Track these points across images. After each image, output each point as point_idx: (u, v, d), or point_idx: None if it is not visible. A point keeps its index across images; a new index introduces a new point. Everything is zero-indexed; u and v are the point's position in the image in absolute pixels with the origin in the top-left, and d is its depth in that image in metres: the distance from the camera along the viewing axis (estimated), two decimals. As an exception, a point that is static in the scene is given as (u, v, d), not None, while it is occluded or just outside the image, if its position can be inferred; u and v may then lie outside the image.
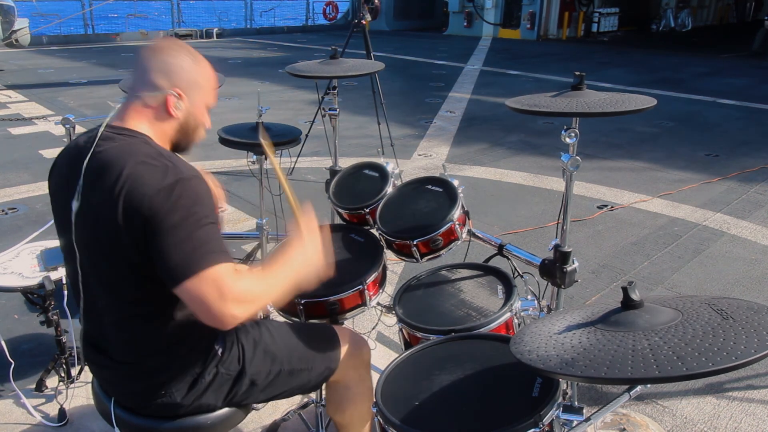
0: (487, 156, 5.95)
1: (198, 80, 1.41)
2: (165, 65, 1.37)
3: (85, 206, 1.31)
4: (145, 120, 1.37)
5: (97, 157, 1.30)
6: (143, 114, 1.37)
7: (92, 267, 1.36)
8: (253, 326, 1.56)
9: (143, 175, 1.24)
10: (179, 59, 1.38)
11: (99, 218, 1.28)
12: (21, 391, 2.39)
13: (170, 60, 1.37)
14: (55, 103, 8.14)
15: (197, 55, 1.42)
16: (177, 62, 1.37)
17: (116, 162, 1.27)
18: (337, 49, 2.87)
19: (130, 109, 1.37)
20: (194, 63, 1.40)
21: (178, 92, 1.37)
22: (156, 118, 1.38)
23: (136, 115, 1.37)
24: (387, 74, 9.56)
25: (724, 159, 5.86)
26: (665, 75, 11.00)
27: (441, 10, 20.89)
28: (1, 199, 4.62)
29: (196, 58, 1.41)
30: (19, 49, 14.04)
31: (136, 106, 1.37)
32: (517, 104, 1.78)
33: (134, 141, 1.32)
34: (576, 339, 1.10)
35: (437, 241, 2.00)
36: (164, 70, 1.36)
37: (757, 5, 23.15)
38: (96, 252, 1.33)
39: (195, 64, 1.40)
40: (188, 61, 1.39)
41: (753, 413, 2.35)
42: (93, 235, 1.31)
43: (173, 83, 1.36)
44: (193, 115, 1.42)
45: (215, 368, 1.44)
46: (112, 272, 1.32)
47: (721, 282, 3.44)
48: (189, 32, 17.73)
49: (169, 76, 1.36)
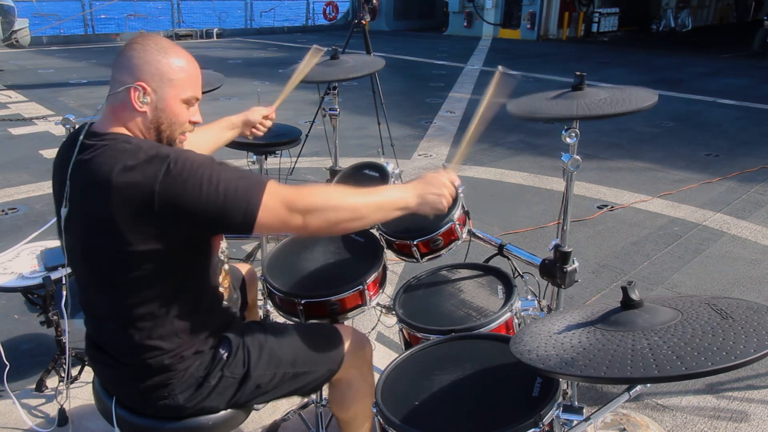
0: (487, 156, 5.95)
1: (166, 73, 1.34)
2: (128, 60, 1.34)
3: (73, 213, 1.31)
4: (117, 120, 1.35)
5: (82, 167, 1.29)
6: (115, 114, 1.35)
7: (90, 271, 1.36)
8: (258, 329, 1.56)
9: (135, 178, 1.23)
10: (144, 52, 1.33)
11: (92, 224, 1.28)
12: (21, 391, 2.40)
13: (135, 54, 1.33)
14: (56, 104, 8.14)
15: (170, 48, 1.37)
16: (141, 55, 1.33)
17: (101, 173, 1.25)
18: (338, 49, 2.87)
19: (106, 110, 1.36)
20: (163, 56, 1.34)
21: (141, 85, 1.32)
22: (126, 115, 1.35)
23: (110, 116, 1.36)
24: (387, 74, 9.56)
25: (724, 159, 5.85)
26: (665, 75, 11.00)
27: (441, 10, 20.88)
28: (2, 199, 4.62)
29: (166, 51, 1.35)
30: (19, 50, 14.04)
31: (110, 106, 1.36)
32: (518, 109, 1.79)
33: (113, 144, 1.30)
34: (576, 339, 1.10)
35: (437, 241, 2.00)
36: (127, 65, 1.33)
37: (757, 5, 23.14)
38: (92, 255, 1.33)
39: (163, 57, 1.34)
40: (154, 54, 1.34)
41: (753, 413, 2.35)
42: (88, 241, 1.31)
43: (136, 77, 1.32)
44: (163, 109, 1.36)
45: (220, 372, 1.43)
46: (109, 275, 1.32)
47: (721, 282, 3.44)
48: (189, 32, 17.72)
49: (131, 70, 1.33)
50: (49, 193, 1.44)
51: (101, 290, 1.36)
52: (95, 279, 1.36)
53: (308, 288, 1.86)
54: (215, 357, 1.43)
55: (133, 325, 1.34)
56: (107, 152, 1.28)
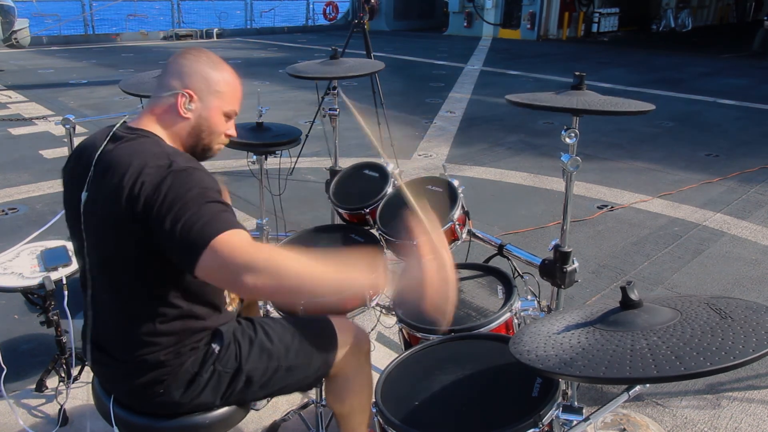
0: (487, 156, 5.95)
1: (213, 85, 1.43)
2: (180, 68, 1.43)
3: (91, 199, 1.34)
4: (157, 121, 1.42)
5: (108, 154, 1.34)
6: (156, 115, 1.42)
7: (98, 263, 1.39)
8: (249, 325, 1.57)
9: (145, 173, 1.27)
10: (196, 63, 1.43)
11: (103, 214, 1.31)
12: (21, 391, 2.40)
13: (186, 63, 1.43)
14: (56, 104, 8.14)
15: (219, 63, 1.46)
16: (193, 65, 1.42)
17: (123, 161, 1.30)
18: (338, 50, 2.87)
19: (147, 110, 1.44)
20: (212, 68, 1.44)
21: (189, 93, 1.40)
22: (168, 118, 1.42)
23: (150, 116, 1.42)
24: (387, 74, 9.55)
25: (724, 159, 5.86)
26: (665, 75, 11.00)
27: (441, 11, 20.89)
28: (2, 199, 4.62)
29: (216, 65, 1.45)
30: (19, 50, 14.05)
31: (152, 107, 1.43)
32: (518, 97, 1.79)
33: (145, 141, 1.36)
34: (575, 339, 1.10)
35: (437, 242, 1.99)
36: (179, 72, 1.42)
37: (757, 5, 23.15)
38: (101, 247, 1.36)
39: (212, 70, 1.43)
40: (204, 66, 1.43)
41: (753, 413, 2.35)
42: (98, 230, 1.34)
43: (185, 84, 1.41)
44: (206, 118, 1.44)
45: (212, 366, 1.44)
46: (115, 269, 1.35)
47: (721, 282, 3.44)
48: (189, 32, 17.72)
49: (182, 77, 1.41)
50: (50, 194, 1.45)
51: (107, 284, 1.39)
52: (102, 272, 1.39)
53: (308, 288, 1.86)
54: (207, 352, 1.44)
55: (136, 321, 1.36)
56: (134, 146, 1.34)
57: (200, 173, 1.31)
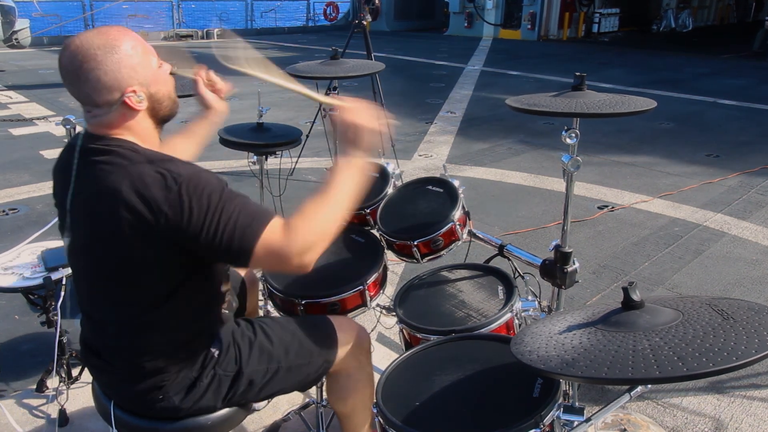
0: (487, 156, 5.95)
1: (131, 60, 1.28)
2: (94, 82, 1.25)
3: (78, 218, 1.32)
4: (119, 125, 1.31)
5: (88, 172, 1.28)
6: (114, 122, 1.31)
7: (92, 276, 1.37)
8: (248, 326, 1.56)
9: (146, 196, 1.22)
10: (102, 64, 1.24)
11: (99, 234, 1.28)
12: (21, 392, 2.39)
13: (93, 71, 1.24)
14: (56, 104, 8.14)
15: (106, 41, 1.26)
16: (103, 68, 1.24)
17: (109, 184, 1.23)
18: (338, 50, 2.87)
19: (100, 125, 1.31)
20: (115, 53, 1.25)
21: (132, 90, 1.28)
22: (128, 119, 1.32)
23: (107, 124, 1.31)
24: (387, 75, 9.54)
25: (725, 159, 5.85)
26: (666, 75, 11.00)
27: (441, 11, 20.88)
28: (2, 200, 4.62)
29: (111, 47, 1.25)
30: (19, 50, 14.05)
31: (102, 122, 1.31)
32: (518, 103, 1.78)
33: (120, 151, 1.28)
34: (576, 339, 1.10)
35: (438, 242, 2.00)
36: (97, 87, 1.26)
37: (757, 5, 23.13)
38: (97, 262, 1.33)
39: (117, 54, 1.25)
40: (110, 57, 1.25)
41: (754, 413, 2.35)
42: (92, 246, 1.32)
43: (121, 87, 1.27)
44: (156, 89, 1.34)
45: (212, 370, 1.43)
46: (114, 282, 1.33)
47: (721, 282, 3.44)
48: (189, 33, 17.72)
49: (109, 88, 1.26)
50: (50, 194, 1.45)
51: (102, 294, 1.37)
52: (97, 283, 1.36)
53: (308, 288, 1.86)
54: (207, 356, 1.43)
55: (132, 328, 1.35)
56: (115, 160, 1.26)
57: (198, 169, 1.29)
